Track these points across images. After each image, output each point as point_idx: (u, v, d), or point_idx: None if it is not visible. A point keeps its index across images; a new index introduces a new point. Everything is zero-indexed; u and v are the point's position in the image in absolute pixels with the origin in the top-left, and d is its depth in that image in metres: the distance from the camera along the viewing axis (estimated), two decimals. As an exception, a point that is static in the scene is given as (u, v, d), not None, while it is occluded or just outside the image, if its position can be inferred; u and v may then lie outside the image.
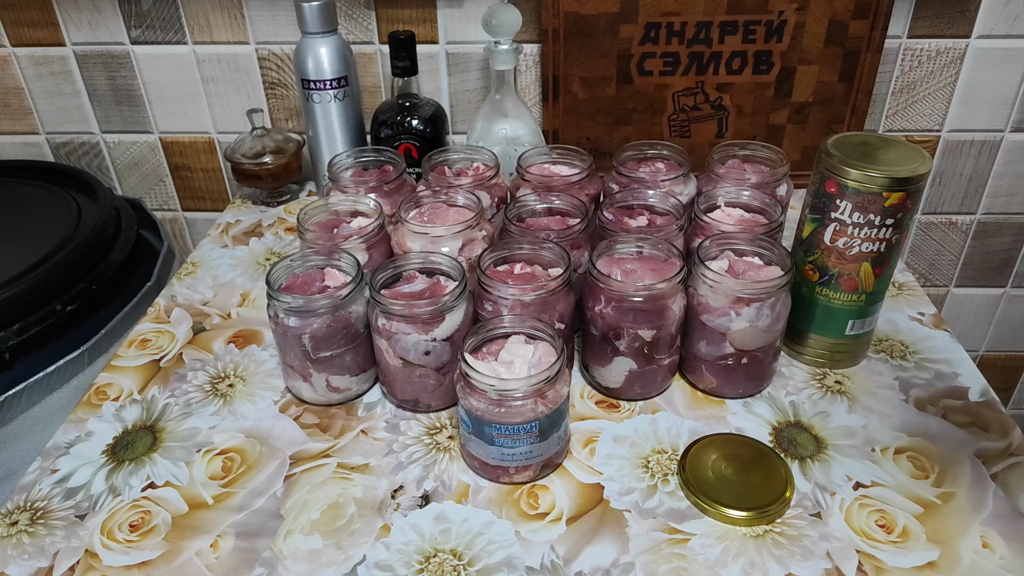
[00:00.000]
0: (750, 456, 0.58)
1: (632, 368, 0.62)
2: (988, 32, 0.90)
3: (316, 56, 0.84)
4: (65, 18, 0.96)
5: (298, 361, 0.62)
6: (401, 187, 0.77)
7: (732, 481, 0.56)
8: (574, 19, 0.88)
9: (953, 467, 0.57)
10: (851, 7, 0.86)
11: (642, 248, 0.63)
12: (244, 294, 0.80)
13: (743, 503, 0.54)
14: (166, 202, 1.12)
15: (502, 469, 0.56)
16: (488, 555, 0.51)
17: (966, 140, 0.98)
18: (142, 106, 1.03)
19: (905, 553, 0.51)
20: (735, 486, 0.55)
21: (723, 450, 0.58)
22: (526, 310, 0.59)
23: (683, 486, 0.56)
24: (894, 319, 0.73)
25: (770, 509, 0.53)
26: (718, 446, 0.59)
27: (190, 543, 0.53)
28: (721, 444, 0.59)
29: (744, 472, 0.57)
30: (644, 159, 0.78)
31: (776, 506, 0.54)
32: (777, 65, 0.89)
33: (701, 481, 0.56)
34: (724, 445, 0.59)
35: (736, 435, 0.61)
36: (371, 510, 0.55)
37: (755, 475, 0.56)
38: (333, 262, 0.65)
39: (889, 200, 0.59)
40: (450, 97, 0.99)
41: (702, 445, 0.59)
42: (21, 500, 0.57)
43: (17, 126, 1.05)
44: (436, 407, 0.64)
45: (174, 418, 0.64)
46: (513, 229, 0.66)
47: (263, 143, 0.94)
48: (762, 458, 0.58)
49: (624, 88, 0.92)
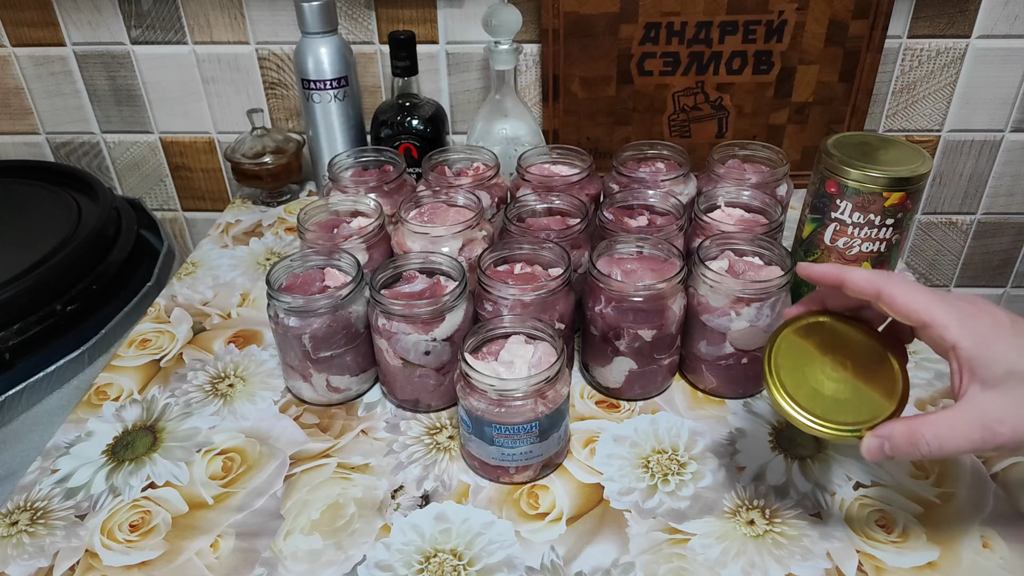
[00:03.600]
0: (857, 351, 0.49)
1: (632, 368, 0.62)
2: (988, 32, 0.90)
3: (316, 56, 0.84)
4: (65, 18, 0.96)
5: (298, 361, 0.62)
6: (401, 187, 0.77)
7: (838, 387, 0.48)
8: (574, 19, 0.88)
9: (953, 467, 0.57)
10: (851, 7, 0.86)
11: (642, 248, 0.63)
12: (244, 294, 0.80)
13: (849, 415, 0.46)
14: (166, 202, 1.12)
15: (502, 469, 0.56)
16: (488, 555, 0.51)
17: (966, 140, 0.98)
18: (142, 106, 1.03)
19: (905, 553, 0.51)
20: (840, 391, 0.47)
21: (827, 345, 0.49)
22: (526, 310, 0.59)
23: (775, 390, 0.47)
24: (894, 319, 0.73)
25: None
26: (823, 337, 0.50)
27: (190, 543, 0.53)
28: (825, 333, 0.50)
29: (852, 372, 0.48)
30: (644, 159, 0.78)
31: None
32: (777, 65, 0.89)
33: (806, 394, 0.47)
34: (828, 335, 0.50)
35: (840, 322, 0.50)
36: (371, 510, 0.55)
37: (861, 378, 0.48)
38: (333, 262, 0.65)
39: (889, 200, 0.60)
40: (450, 97, 0.99)
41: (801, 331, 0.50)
42: (21, 500, 0.57)
43: (17, 126, 1.05)
44: (436, 407, 0.64)
45: (174, 418, 0.64)
46: (513, 229, 0.66)
47: (263, 143, 0.94)
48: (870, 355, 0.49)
49: (624, 88, 0.92)
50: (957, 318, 0.42)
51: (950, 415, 0.43)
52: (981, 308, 0.44)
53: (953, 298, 0.44)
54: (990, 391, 0.42)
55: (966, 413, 0.42)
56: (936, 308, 0.43)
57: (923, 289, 0.45)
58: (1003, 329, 0.42)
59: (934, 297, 0.44)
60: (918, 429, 0.43)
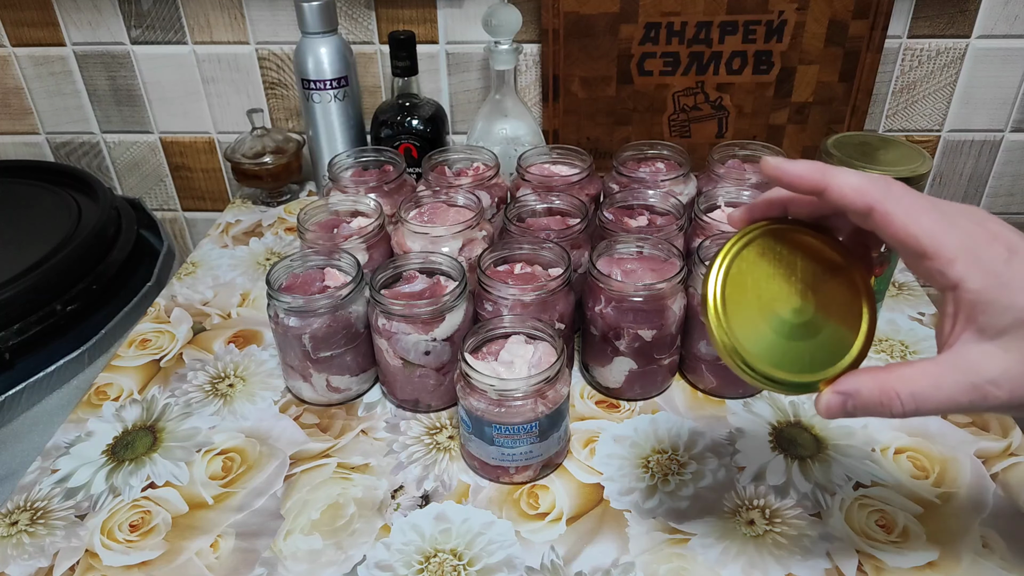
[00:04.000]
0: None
1: (632, 368, 0.62)
2: (988, 32, 0.90)
3: (316, 56, 0.84)
4: (65, 18, 0.96)
5: (298, 361, 0.62)
6: (401, 187, 0.77)
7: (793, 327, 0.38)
8: (574, 19, 0.88)
9: (953, 467, 0.57)
10: (851, 7, 0.86)
11: (642, 248, 0.63)
12: (244, 294, 0.80)
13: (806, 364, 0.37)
14: (166, 202, 1.11)
15: (502, 469, 0.56)
16: (488, 555, 0.51)
17: (966, 140, 0.98)
18: (142, 106, 1.03)
19: (905, 553, 0.51)
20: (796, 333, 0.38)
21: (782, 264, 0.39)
22: (526, 310, 0.59)
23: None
24: (894, 319, 0.73)
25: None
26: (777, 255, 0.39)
27: (190, 543, 0.53)
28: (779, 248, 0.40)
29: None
30: (644, 159, 0.78)
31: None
32: (777, 65, 0.89)
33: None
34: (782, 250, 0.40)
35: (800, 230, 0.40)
36: (371, 510, 0.55)
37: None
38: (333, 262, 0.65)
39: (889, 200, 0.59)
40: (450, 97, 0.99)
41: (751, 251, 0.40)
42: (21, 500, 0.57)
43: (17, 126, 1.05)
44: (436, 407, 0.64)
45: (174, 418, 0.64)
46: (513, 229, 0.66)
47: (263, 143, 0.94)
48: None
49: (624, 88, 0.92)
50: (967, 249, 0.34)
51: (933, 370, 0.35)
52: (994, 232, 0.35)
53: (960, 216, 0.35)
54: (987, 343, 0.34)
55: (954, 369, 0.34)
56: (943, 235, 0.34)
57: (925, 205, 0.35)
58: (1020, 262, 0.34)
59: (940, 218, 0.35)
60: (891, 385, 0.35)
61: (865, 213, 0.36)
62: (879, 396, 0.35)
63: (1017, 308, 0.33)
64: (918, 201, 0.35)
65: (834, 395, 0.37)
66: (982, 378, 0.34)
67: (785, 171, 0.38)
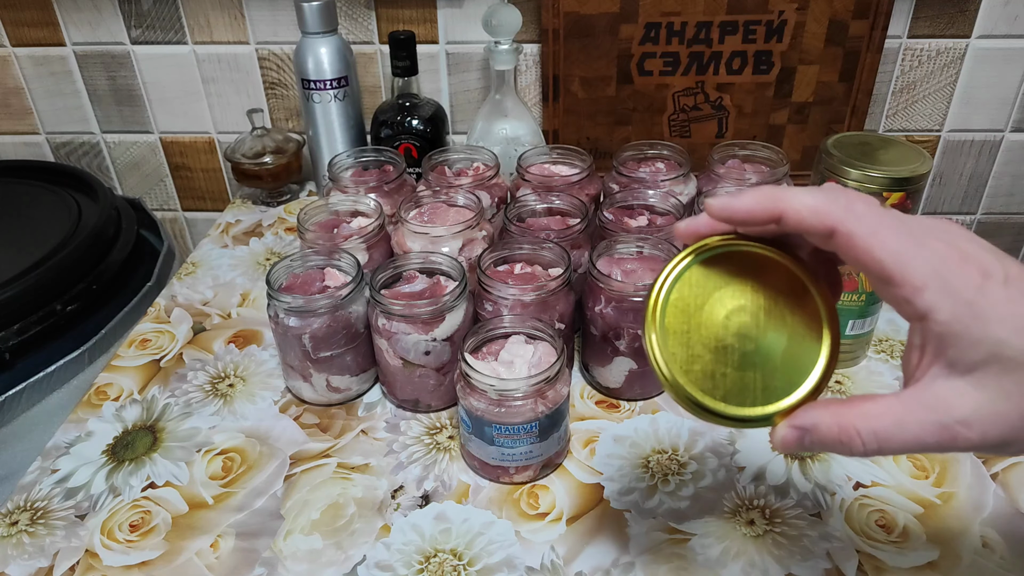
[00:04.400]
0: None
1: (632, 368, 0.62)
2: (988, 32, 0.90)
3: (316, 56, 0.84)
4: (65, 18, 0.96)
5: (298, 361, 0.62)
6: (401, 187, 0.77)
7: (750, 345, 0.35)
8: (574, 19, 0.88)
9: (953, 467, 0.57)
10: (851, 7, 0.86)
11: (642, 248, 0.63)
12: (244, 294, 0.80)
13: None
14: (166, 202, 1.11)
15: (502, 469, 0.56)
16: (488, 555, 0.51)
17: (966, 140, 0.98)
18: (142, 106, 1.03)
19: (905, 553, 0.51)
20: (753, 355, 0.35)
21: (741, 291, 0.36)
22: (526, 310, 0.59)
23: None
24: (894, 319, 0.73)
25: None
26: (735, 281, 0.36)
27: (190, 543, 0.53)
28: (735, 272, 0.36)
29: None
30: (644, 159, 0.78)
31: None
32: (777, 65, 0.89)
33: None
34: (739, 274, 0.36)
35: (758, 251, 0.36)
36: (371, 510, 0.55)
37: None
38: (333, 262, 0.65)
39: (889, 200, 0.59)
40: (450, 97, 0.99)
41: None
42: (21, 500, 0.57)
43: (17, 126, 1.05)
44: (436, 407, 0.64)
45: (174, 418, 0.64)
46: (513, 229, 0.66)
47: (263, 143, 0.94)
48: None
49: (624, 88, 0.92)
50: (937, 274, 0.30)
51: (897, 406, 0.32)
52: (967, 254, 0.31)
53: (929, 236, 0.31)
54: (957, 379, 0.30)
55: (921, 406, 0.31)
56: (911, 259, 0.30)
57: (891, 223, 0.31)
58: (994, 288, 0.30)
59: (907, 238, 0.31)
60: (851, 422, 0.32)
61: (826, 235, 0.32)
62: (838, 434, 0.33)
63: (990, 341, 0.29)
64: (883, 219, 0.31)
65: (790, 429, 0.34)
66: (951, 417, 0.30)
67: (734, 210, 0.35)
